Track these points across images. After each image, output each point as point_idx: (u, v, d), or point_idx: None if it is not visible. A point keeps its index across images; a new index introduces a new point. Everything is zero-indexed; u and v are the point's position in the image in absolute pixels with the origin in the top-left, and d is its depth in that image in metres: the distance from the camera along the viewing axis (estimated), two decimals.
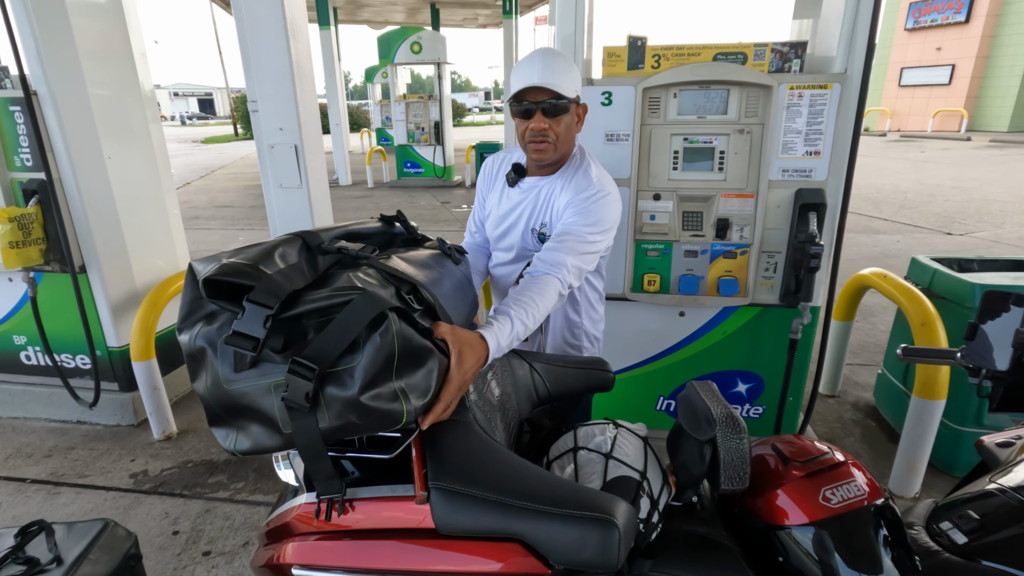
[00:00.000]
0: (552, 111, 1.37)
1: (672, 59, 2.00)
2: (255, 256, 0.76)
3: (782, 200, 2.05)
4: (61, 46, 2.57)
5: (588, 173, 1.47)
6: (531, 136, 1.40)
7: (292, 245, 0.83)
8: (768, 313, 2.22)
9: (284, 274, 0.75)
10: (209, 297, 0.73)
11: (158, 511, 2.41)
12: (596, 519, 0.75)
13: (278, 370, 0.72)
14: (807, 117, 1.96)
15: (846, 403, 3.07)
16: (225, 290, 0.73)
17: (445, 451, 0.83)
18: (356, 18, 14.96)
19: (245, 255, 0.76)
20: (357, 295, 0.72)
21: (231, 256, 0.75)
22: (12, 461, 2.78)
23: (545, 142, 1.40)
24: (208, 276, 0.72)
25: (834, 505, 0.93)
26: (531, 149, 1.43)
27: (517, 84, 1.37)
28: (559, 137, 1.41)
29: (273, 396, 0.73)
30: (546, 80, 1.34)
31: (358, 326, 0.70)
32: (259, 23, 2.41)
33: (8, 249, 2.52)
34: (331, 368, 0.71)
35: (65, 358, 3.02)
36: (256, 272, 0.73)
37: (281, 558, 0.85)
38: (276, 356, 0.72)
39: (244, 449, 0.76)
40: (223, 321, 0.75)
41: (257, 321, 0.69)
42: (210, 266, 0.74)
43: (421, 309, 0.83)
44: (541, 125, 1.37)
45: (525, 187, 1.54)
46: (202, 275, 0.73)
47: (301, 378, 0.69)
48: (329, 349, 0.70)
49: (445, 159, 11.28)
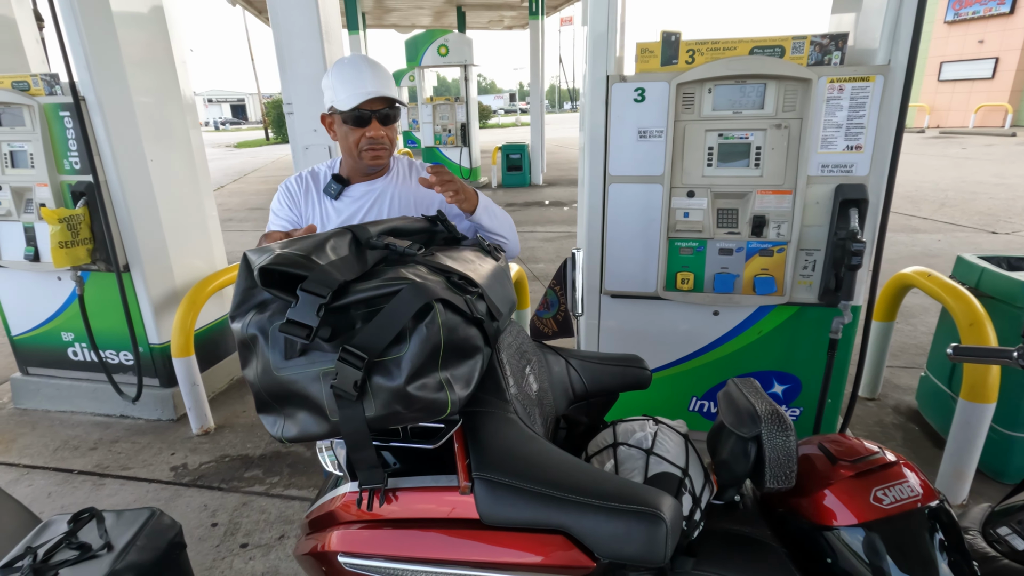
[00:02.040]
0: (388, 119, 1.41)
1: (707, 54, 1.97)
2: (308, 247, 0.77)
3: (821, 196, 2.00)
4: (108, 55, 2.67)
5: (411, 159, 1.64)
6: (368, 144, 1.42)
7: (342, 238, 0.84)
8: (806, 312, 2.17)
9: (335, 265, 0.76)
10: (263, 286, 0.75)
11: (197, 503, 2.47)
12: (643, 513, 0.74)
13: (327, 358, 0.74)
14: (848, 111, 1.91)
15: (886, 406, 2.98)
16: (278, 280, 0.75)
17: (488, 442, 0.83)
18: (383, 22, 15.14)
19: (298, 246, 0.78)
20: (405, 286, 0.73)
21: (285, 247, 0.77)
22: (60, 453, 2.89)
23: (383, 148, 1.44)
24: (263, 265, 0.74)
25: (886, 506, 0.90)
26: (368, 156, 1.44)
27: (354, 95, 1.36)
28: (392, 142, 1.45)
29: (321, 384, 0.75)
30: (381, 89, 1.38)
31: (405, 316, 0.71)
32: (295, 27, 2.46)
33: (58, 249, 2.63)
34: (379, 358, 0.72)
35: (109, 354, 3.13)
36: (309, 263, 0.74)
37: (326, 546, 0.87)
38: (325, 344, 0.73)
39: (291, 436, 0.78)
40: (274, 310, 0.77)
41: (310, 310, 0.71)
42: (264, 256, 0.76)
43: (477, 292, 0.84)
44: (380, 133, 1.41)
45: (357, 195, 1.53)
46: (257, 264, 0.75)
47: (350, 367, 0.71)
48: (378, 339, 0.71)
49: (471, 161, 11.33)
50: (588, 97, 2.11)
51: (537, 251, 6.42)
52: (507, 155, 11.22)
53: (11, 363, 3.61)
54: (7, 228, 2.92)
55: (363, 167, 1.48)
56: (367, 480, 0.84)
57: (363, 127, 1.39)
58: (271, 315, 0.77)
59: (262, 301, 0.79)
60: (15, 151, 2.83)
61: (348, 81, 1.36)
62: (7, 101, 2.70)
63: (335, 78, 1.39)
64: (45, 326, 3.18)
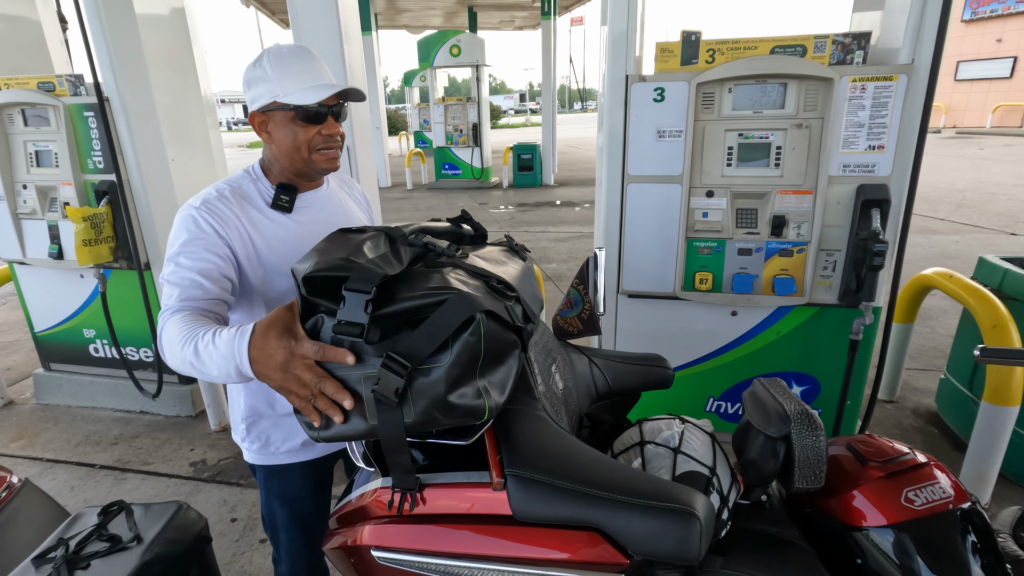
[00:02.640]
0: (342, 115, 1.23)
1: (727, 53, 1.96)
2: (346, 249, 0.79)
3: (842, 196, 1.99)
4: (131, 56, 2.71)
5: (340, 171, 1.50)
6: (323, 143, 1.20)
7: (377, 239, 0.85)
8: (825, 313, 2.15)
9: (375, 262, 0.77)
10: (309, 295, 0.76)
11: (217, 499, 2.51)
12: (677, 510, 0.74)
13: (372, 362, 0.75)
14: (870, 110, 1.89)
15: (905, 408, 2.95)
16: (323, 287, 0.76)
17: (520, 439, 0.83)
18: (395, 23, 15.23)
19: (336, 251, 0.79)
20: (452, 296, 0.74)
21: (322, 252, 0.79)
22: (82, 448, 2.94)
23: (338, 147, 1.24)
24: (307, 274, 0.75)
25: (917, 507, 0.89)
26: (322, 158, 1.21)
27: (313, 89, 1.15)
28: (343, 140, 1.27)
29: (363, 386, 0.76)
30: (344, 82, 1.24)
31: (451, 327, 0.72)
32: (315, 27, 2.48)
33: (82, 247, 2.67)
34: (420, 365, 0.73)
35: (130, 351, 3.17)
36: (349, 263, 0.75)
37: (357, 540, 0.88)
38: (369, 348, 0.74)
39: (328, 435, 0.79)
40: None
41: (358, 307, 0.72)
42: (305, 264, 0.77)
43: (515, 297, 0.85)
44: (336, 130, 1.21)
45: (311, 203, 1.30)
46: (300, 274, 0.76)
47: (393, 373, 0.72)
48: (422, 347, 0.72)
49: (483, 161, 11.36)
50: (607, 97, 2.11)
51: (549, 251, 6.43)
52: (518, 155, 11.23)
53: (34, 359, 3.67)
54: (32, 226, 2.98)
55: (312, 172, 1.24)
56: (400, 483, 0.85)
57: (318, 124, 1.18)
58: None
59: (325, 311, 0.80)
60: (40, 151, 2.88)
61: (298, 72, 1.15)
62: (33, 101, 2.75)
63: (276, 69, 1.15)
64: (68, 323, 3.23)
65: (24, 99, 2.75)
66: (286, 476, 1.36)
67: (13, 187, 2.93)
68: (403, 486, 0.85)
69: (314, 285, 0.77)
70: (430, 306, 0.73)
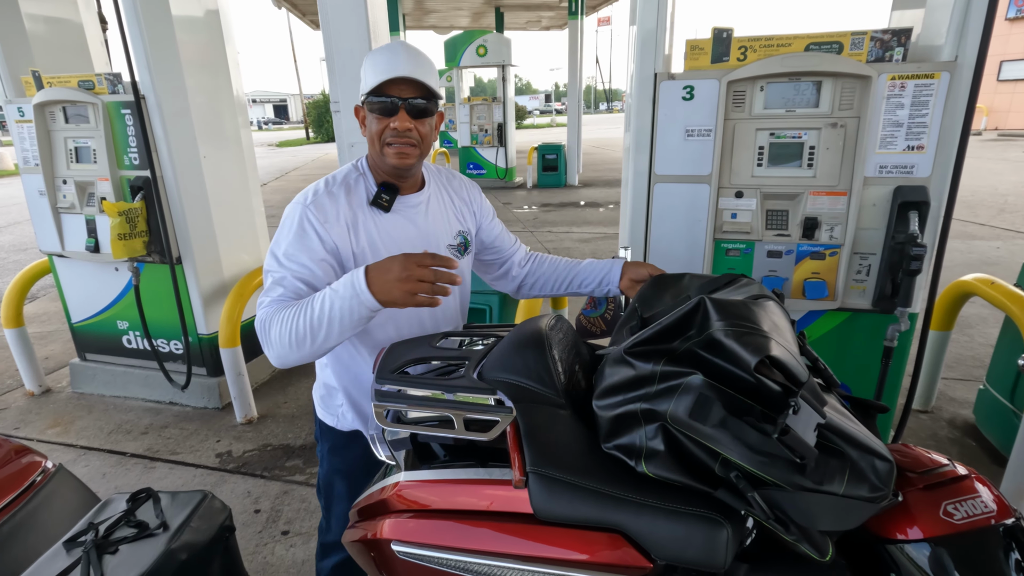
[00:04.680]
0: (420, 111, 1.17)
1: (760, 51, 1.92)
2: (786, 347, 0.77)
3: (878, 198, 1.92)
4: (167, 56, 2.78)
5: (451, 170, 1.51)
6: (393, 136, 1.18)
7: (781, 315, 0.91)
8: (858, 319, 2.09)
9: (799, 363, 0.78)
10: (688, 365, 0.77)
11: (241, 490, 2.55)
12: (703, 516, 0.72)
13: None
14: (910, 109, 1.83)
15: (940, 419, 2.84)
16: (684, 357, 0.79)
17: (543, 437, 0.82)
18: (422, 24, 15.35)
19: (779, 338, 0.78)
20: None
21: (771, 330, 0.78)
22: (114, 436, 3.03)
23: (410, 144, 1.19)
24: (776, 357, 0.74)
25: (957, 521, 0.85)
26: (391, 152, 1.19)
27: (380, 74, 1.14)
28: (424, 140, 1.21)
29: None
30: (415, 72, 1.15)
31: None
32: (344, 27, 2.51)
33: (117, 241, 2.75)
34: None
35: (160, 343, 3.26)
36: (803, 368, 0.76)
37: (378, 534, 0.88)
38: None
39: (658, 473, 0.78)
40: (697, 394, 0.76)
41: (808, 425, 0.71)
42: (762, 340, 0.76)
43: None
44: (406, 124, 1.16)
45: (409, 205, 1.30)
46: (771, 351, 0.74)
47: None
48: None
49: (507, 160, 11.36)
50: (635, 95, 2.08)
51: (573, 252, 6.39)
52: (543, 155, 11.21)
53: (70, 349, 3.80)
54: (70, 220, 3.08)
55: (386, 166, 1.23)
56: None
57: (389, 117, 1.17)
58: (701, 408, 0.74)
59: (674, 386, 0.77)
60: (79, 147, 2.98)
61: (379, 63, 1.16)
62: (74, 99, 2.84)
63: (368, 62, 1.19)
64: (102, 314, 3.33)
65: (65, 97, 2.84)
66: (350, 453, 1.45)
67: (54, 182, 3.03)
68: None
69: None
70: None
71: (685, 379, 0.74)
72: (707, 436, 0.71)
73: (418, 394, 0.89)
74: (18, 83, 3.05)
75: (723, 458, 0.72)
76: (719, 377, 0.75)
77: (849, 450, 0.75)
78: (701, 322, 0.78)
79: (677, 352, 0.78)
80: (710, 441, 0.71)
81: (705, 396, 0.72)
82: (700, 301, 0.79)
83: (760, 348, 0.73)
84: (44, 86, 2.92)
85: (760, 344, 0.73)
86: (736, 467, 0.71)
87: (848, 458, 0.74)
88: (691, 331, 0.79)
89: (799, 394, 0.70)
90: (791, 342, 0.80)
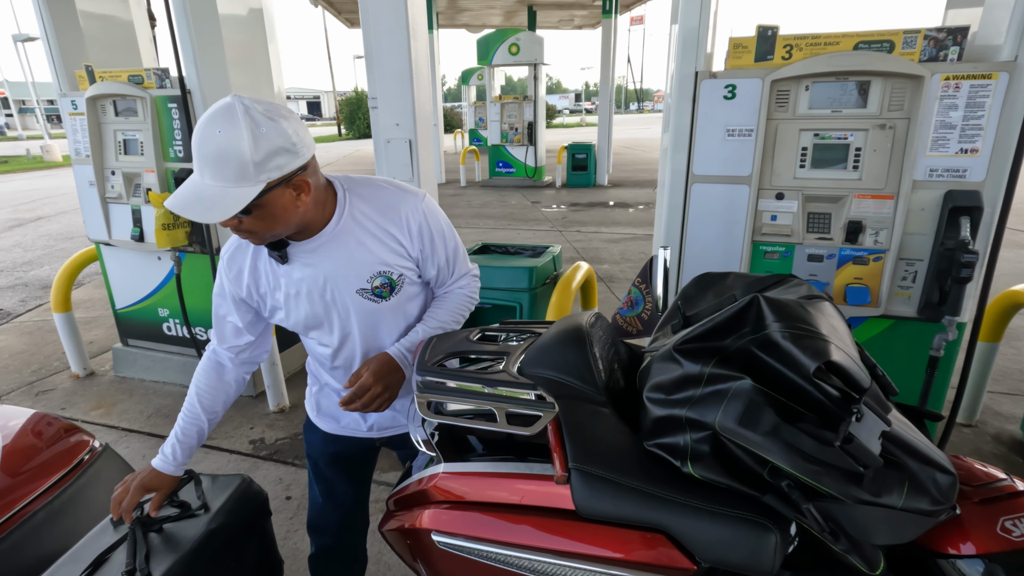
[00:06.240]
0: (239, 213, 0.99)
1: (806, 49, 1.87)
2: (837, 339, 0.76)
3: (928, 202, 1.86)
4: (213, 53, 2.86)
5: (377, 196, 1.20)
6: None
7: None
8: (901, 326, 2.02)
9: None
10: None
11: (273, 476, 2.61)
12: (750, 520, 0.71)
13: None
14: (964, 111, 1.76)
15: (985, 434, 2.74)
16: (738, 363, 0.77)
17: (585, 434, 0.82)
18: (455, 22, 15.43)
19: (838, 341, 0.76)
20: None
21: (831, 336, 0.75)
22: (153, 419, 3.13)
23: (245, 234, 1.07)
24: (834, 359, 0.72)
25: (1015, 538, 0.82)
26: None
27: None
28: (269, 226, 1.04)
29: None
30: (214, 177, 0.96)
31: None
32: (384, 23, 2.54)
33: (161, 231, 2.84)
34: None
35: (199, 331, 3.35)
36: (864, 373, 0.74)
37: (417, 523, 0.89)
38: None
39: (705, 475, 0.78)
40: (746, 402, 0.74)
41: (873, 433, 0.69)
42: (821, 344, 0.73)
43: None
44: (230, 223, 1.02)
45: (310, 247, 1.16)
46: (831, 356, 0.72)
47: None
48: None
49: (537, 159, 11.35)
50: (675, 94, 2.05)
51: (602, 252, 6.35)
52: (573, 155, 11.16)
53: (113, 334, 3.94)
54: (118, 210, 3.19)
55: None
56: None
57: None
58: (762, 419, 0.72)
59: (718, 391, 0.75)
60: (128, 139, 3.08)
61: (194, 157, 0.99)
62: (123, 93, 2.95)
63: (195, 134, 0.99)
64: (145, 302, 3.44)
65: (116, 91, 2.95)
66: (311, 436, 1.51)
67: (103, 173, 3.15)
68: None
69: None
70: None
71: (734, 384, 0.73)
72: (757, 444, 0.70)
73: (460, 387, 0.90)
74: (72, 77, 3.18)
75: (772, 465, 0.70)
76: (769, 380, 0.73)
77: (909, 461, 0.72)
78: (755, 321, 0.77)
79: (728, 351, 0.77)
80: (760, 449, 0.69)
81: (756, 402, 0.70)
82: (754, 299, 0.77)
83: (820, 352, 0.71)
84: (96, 80, 3.03)
85: (820, 348, 0.71)
86: (787, 475, 0.69)
87: (907, 470, 0.72)
88: (744, 329, 0.77)
89: (862, 400, 0.68)
90: (850, 346, 0.78)
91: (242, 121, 0.93)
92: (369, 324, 1.24)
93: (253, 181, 0.96)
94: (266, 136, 0.95)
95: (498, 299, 2.79)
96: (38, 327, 4.62)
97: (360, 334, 1.25)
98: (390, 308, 1.23)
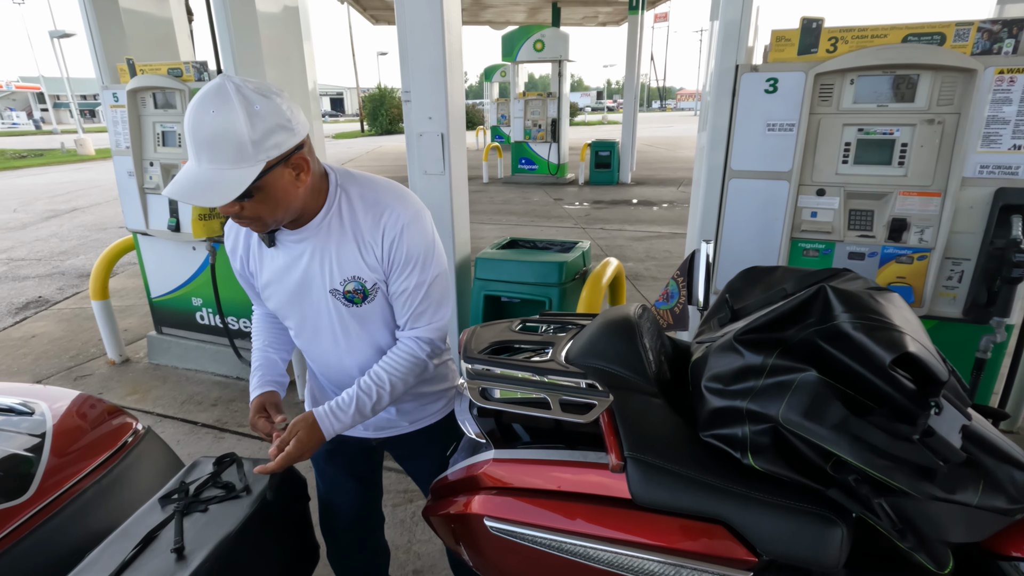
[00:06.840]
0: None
1: (852, 42, 1.83)
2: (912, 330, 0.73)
3: (977, 200, 1.81)
4: (250, 48, 2.90)
5: (368, 197, 1.14)
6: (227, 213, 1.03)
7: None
8: (946, 327, 1.97)
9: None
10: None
11: (304, 465, 2.64)
12: (815, 514, 0.70)
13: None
14: (1018, 106, 1.71)
15: None
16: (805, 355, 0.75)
17: (639, 424, 0.82)
18: (479, 19, 15.45)
19: (916, 332, 0.74)
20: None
21: (905, 328, 0.73)
22: (186, 406, 3.20)
23: (249, 220, 1.04)
24: (916, 353, 0.69)
25: None
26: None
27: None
28: (271, 210, 1.02)
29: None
30: (212, 160, 0.94)
31: None
32: (418, 16, 2.55)
33: (197, 221, 2.90)
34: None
35: (231, 320, 3.41)
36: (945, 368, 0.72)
37: (467, 508, 0.89)
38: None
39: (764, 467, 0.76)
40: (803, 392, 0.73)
41: (953, 427, 0.67)
42: (895, 335, 0.71)
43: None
44: (230, 209, 0.99)
45: (295, 239, 1.14)
46: (908, 346, 0.69)
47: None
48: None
49: (560, 156, 11.31)
50: (714, 89, 2.03)
51: (626, 250, 6.31)
52: (596, 152, 11.10)
53: (148, 322, 4.04)
54: (155, 201, 3.26)
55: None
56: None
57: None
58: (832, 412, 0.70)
59: (783, 382, 0.73)
60: (166, 131, 3.15)
61: (187, 140, 0.98)
62: (163, 86, 3.01)
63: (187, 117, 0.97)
64: (179, 291, 3.52)
65: (156, 84, 3.01)
66: None
67: (142, 164, 3.22)
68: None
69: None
70: None
71: (798, 376, 0.71)
72: (823, 437, 0.68)
73: (510, 375, 0.90)
74: (114, 71, 3.26)
75: (837, 459, 0.69)
76: (834, 372, 0.72)
77: (984, 458, 0.70)
78: (821, 312, 0.75)
79: (790, 342, 0.76)
80: (826, 443, 0.68)
81: (822, 395, 0.69)
82: (820, 289, 0.76)
83: (895, 344, 0.69)
84: (137, 73, 3.10)
85: (895, 340, 0.69)
86: (854, 469, 0.68)
87: (983, 467, 0.70)
88: (808, 320, 0.76)
89: (941, 393, 0.66)
90: (925, 337, 0.76)
91: (235, 100, 0.91)
92: (340, 326, 1.22)
93: (252, 161, 0.94)
94: (261, 114, 0.93)
95: (527, 293, 2.79)
96: (75, 314, 4.75)
97: (330, 334, 1.23)
98: (360, 314, 1.19)
